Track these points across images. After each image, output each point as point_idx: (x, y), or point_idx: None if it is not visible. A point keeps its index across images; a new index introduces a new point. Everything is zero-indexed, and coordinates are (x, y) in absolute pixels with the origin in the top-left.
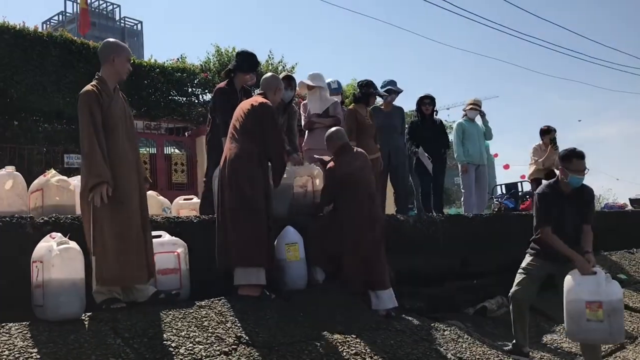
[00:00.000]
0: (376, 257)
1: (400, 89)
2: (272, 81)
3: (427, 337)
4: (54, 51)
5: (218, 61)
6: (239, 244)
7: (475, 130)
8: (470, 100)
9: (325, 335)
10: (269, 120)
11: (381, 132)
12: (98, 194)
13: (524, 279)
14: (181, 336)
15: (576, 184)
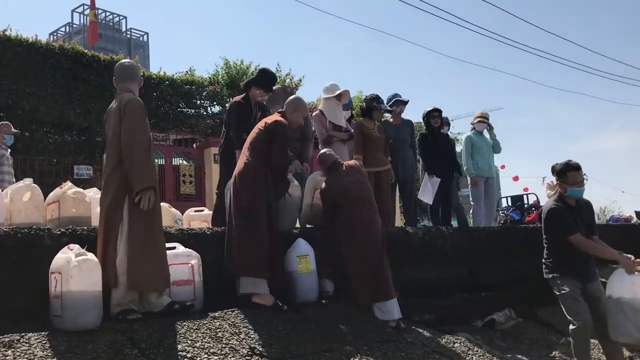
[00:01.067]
0: (380, 267)
1: (407, 99)
2: (292, 102)
3: (438, 349)
4: (65, 63)
5: (226, 74)
6: (240, 255)
7: (484, 143)
8: (478, 114)
9: (337, 347)
10: (279, 137)
11: (391, 145)
12: (147, 197)
13: (575, 304)
14: (196, 347)
15: (577, 196)
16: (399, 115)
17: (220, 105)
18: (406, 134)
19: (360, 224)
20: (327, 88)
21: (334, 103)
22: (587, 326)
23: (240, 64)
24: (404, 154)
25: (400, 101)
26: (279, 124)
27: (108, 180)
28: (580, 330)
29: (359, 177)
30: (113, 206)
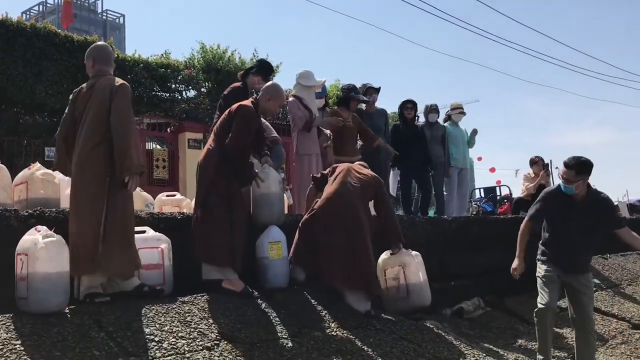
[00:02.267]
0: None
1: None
2: (267, 89)
3: (406, 336)
4: (37, 43)
5: (203, 58)
6: (201, 243)
7: (459, 134)
8: (455, 104)
9: (306, 332)
10: (238, 121)
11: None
12: (136, 182)
13: (544, 289)
14: (164, 331)
15: (567, 192)
16: (373, 104)
17: (196, 90)
18: (380, 123)
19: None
20: (303, 75)
21: (309, 91)
22: (546, 310)
23: (217, 48)
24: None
25: (372, 88)
26: (242, 107)
27: (84, 162)
28: (538, 313)
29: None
30: (94, 190)
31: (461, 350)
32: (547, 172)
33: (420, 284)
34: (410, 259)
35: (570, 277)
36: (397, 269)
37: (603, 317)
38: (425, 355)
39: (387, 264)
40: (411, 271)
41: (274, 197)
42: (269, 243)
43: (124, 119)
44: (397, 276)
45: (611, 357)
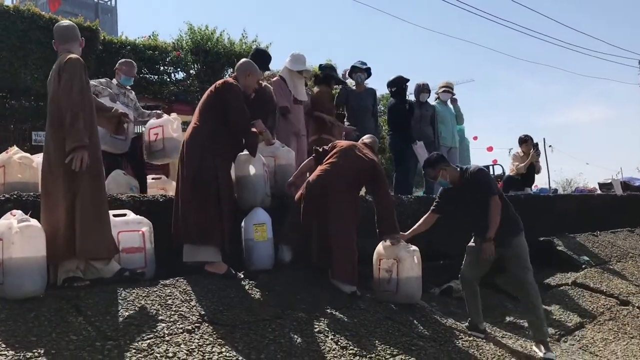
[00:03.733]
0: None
1: (364, 66)
2: (243, 65)
3: (391, 315)
4: (21, 25)
5: (191, 39)
6: (185, 223)
7: (447, 112)
8: (443, 83)
9: (289, 313)
10: (232, 97)
11: (352, 114)
12: (78, 158)
13: (467, 258)
14: (144, 314)
15: (444, 185)
16: (361, 83)
17: (184, 72)
18: (368, 102)
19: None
20: (294, 58)
21: (298, 76)
22: (464, 279)
23: (205, 29)
24: (365, 124)
25: (356, 68)
26: (228, 84)
27: (49, 147)
28: (460, 279)
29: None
30: (62, 174)
31: (447, 329)
32: (537, 152)
33: (411, 281)
34: (406, 254)
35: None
36: (391, 262)
37: (591, 294)
38: (410, 335)
39: (383, 255)
40: (405, 267)
41: (256, 179)
42: (253, 225)
43: (67, 94)
44: (390, 269)
45: (599, 334)
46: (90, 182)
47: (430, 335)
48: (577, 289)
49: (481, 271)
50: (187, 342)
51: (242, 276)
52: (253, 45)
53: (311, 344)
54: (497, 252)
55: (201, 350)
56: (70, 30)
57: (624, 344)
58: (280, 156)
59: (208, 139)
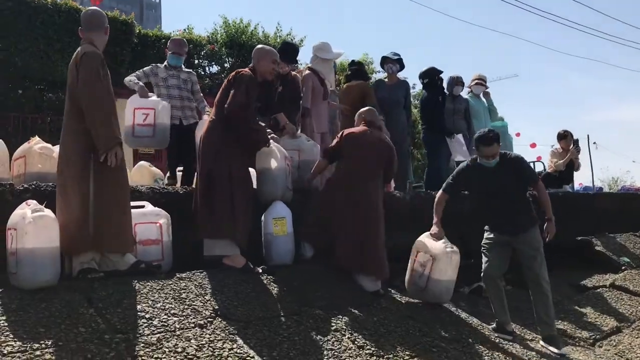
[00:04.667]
0: (367, 239)
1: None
2: (254, 53)
3: (413, 315)
4: (58, 19)
5: (225, 33)
6: (203, 217)
7: (480, 107)
8: (475, 76)
9: (305, 310)
10: (235, 85)
11: (383, 106)
12: (113, 154)
13: (489, 255)
14: (157, 308)
15: (487, 166)
16: (394, 75)
17: (219, 65)
18: (400, 95)
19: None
20: (320, 48)
21: (329, 66)
22: (487, 277)
23: (240, 22)
24: (396, 116)
25: (387, 58)
26: (239, 74)
27: (66, 139)
28: (483, 279)
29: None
30: (79, 167)
31: (471, 330)
32: (576, 148)
33: (442, 283)
34: (444, 255)
35: (514, 240)
36: (427, 258)
37: (631, 297)
38: (431, 335)
39: (422, 248)
40: (439, 267)
41: (277, 172)
42: (273, 219)
43: (89, 90)
44: (425, 265)
45: (637, 339)
46: (107, 174)
47: (454, 337)
48: (615, 292)
49: (502, 267)
50: (198, 337)
51: (260, 271)
52: (287, 38)
53: (326, 342)
54: (514, 239)
55: (211, 346)
56: (95, 17)
57: None
58: (305, 150)
59: (222, 133)
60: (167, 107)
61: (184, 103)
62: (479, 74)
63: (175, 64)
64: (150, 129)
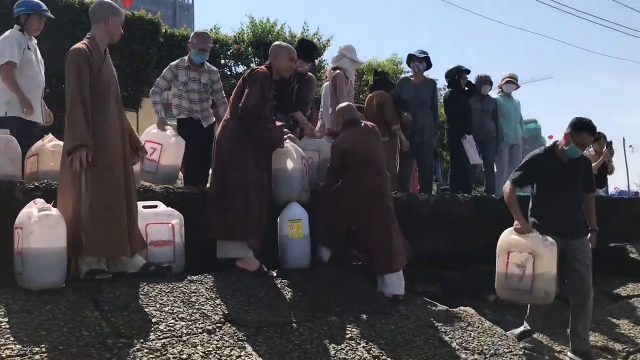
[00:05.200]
0: (382, 236)
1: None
2: (271, 50)
3: (433, 324)
4: (85, 19)
5: (252, 32)
6: (217, 219)
7: (511, 106)
8: (506, 74)
9: (320, 317)
10: (250, 83)
11: (409, 106)
12: (77, 158)
13: None
14: (164, 311)
15: (573, 155)
16: (420, 74)
17: (245, 65)
18: (426, 95)
19: (363, 182)
20: (350, 49)
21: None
22: None
23: (266, 22)
24: (423, 117)
25: (414, 56)
26: (254, 71)
27: (63, 139)
28: None
29: (373, 139)
30: (68, 164)
31: (494, 341)
32: (609, 150)
33: (549, 279)
34: (544, 249)
35: (569, 243)
36: (525, 256)
37: None
38: (451, 346)
39: (514, 246)
40: (543, 263)
41: (293, 172)
42: (288, 221)
43: (66, 89)
44: (524, 264)
45: None
46: (98, 176)
47: (475, 347)
48: None
49: None
50: (205, 344)
51: (274, 274)
52: (314, 38)
53: (340, 351)
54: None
55: (218, 353)
56: (95, 10)
57: None
58: (326, 151)
59: (238, 133)
60: (176, 144)
61: (203, 106)
62: (509, 73)
63: (200, 61)
64: (153, 165)
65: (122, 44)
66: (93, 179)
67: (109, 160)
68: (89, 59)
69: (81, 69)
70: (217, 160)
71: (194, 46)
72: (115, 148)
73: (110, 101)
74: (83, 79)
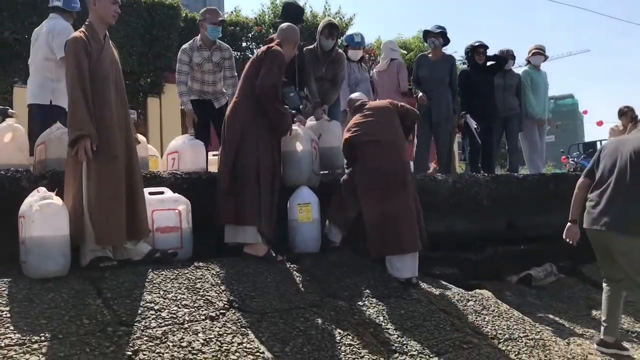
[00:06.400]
0: (397, 216)
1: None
2: (282, 31)
3: (446, 307)
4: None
5: (273, 13)
6: (225, 203)
7: (541, 79)
8: (533, 46)
9: (327, 302)
10: (267, 61)
11: (426, 84)
12: (82, 148)
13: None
14: (168, 298)
15: None
16: (437, 50)
17: None
18: (443, 72)
19: (373, 162)
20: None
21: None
22: None
23: None
24: (440, 95)
25: (429, 32)
26: (271, 50)
27: None
28: None
29: (382, 118)
30: (74, 158)
31: (510, 324)
32: (635, 124)
33: None
34: None
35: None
36: None
37: None
38: (464, 330)
39: None
40: None
41: (302, 155)
42: (297, 205)
43: (66, 78)
44: None
45: None
46: (101, 164)
47: (489, 332)
48: None
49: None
50: (207, 331)
51: (282, 259)
52: (336, 17)
53: (346, 336)
54: None
55: (219, 340)
56: None
57: None
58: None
59: (249, 114)
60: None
61: (217, 87)
62: (537, 44)
63: (216, 36)
64: None
65: (143, 30)
66: (96, 167)
67: (111, 147)
68: (87, 47)
69: (79, 58)
70: (228, 143)
71: (209, 21)
72: (117, 134)
73: (111, 88)
74: (82, 67)
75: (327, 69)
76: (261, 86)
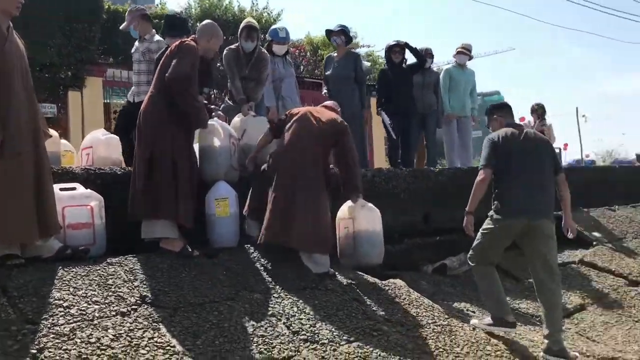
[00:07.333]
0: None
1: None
2: (206, 27)
3: (359, 297)
4: None
5: (199, 7)
6: (141, 197)
7: (462, 78)
8: (459, 45)
9: (243, 295)
10: (180, 54)
11: (334, 82)
12: None
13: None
14: (77, 295)
15: None
16: (341, 48)
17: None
18: (349, 69)
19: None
20: None
21: None
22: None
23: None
24: (347, 92)
25: (331, 31)
26: (184, 45)
27: None
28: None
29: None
30: None
31: (420, 312)
32: (541, 122)
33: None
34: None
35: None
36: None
37: (599, 274)
38: (375, 318)
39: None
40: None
41: (220, 150)
42: (215, 200)
43: None
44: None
45: (600, 316)
46: (4, 160)
47: (399, 319)
48: (584, 268)
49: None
50: (117, 327)
51: (198, 254)
52: (264, 12)
53: (259, 328)
54: None
55: (130, 336)
56: None
57: (626, 328)
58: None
59: (165, 108)
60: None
61: (140, 78)
62: (463, 43)
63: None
64: None
65: (62, 22)
66: None
67: (14, 144)
68: None
69: None
70: (143, 137)
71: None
72: (23, 129)
73: (17, 82)
74: None
75: (251, 69)
76: (170, 78)
